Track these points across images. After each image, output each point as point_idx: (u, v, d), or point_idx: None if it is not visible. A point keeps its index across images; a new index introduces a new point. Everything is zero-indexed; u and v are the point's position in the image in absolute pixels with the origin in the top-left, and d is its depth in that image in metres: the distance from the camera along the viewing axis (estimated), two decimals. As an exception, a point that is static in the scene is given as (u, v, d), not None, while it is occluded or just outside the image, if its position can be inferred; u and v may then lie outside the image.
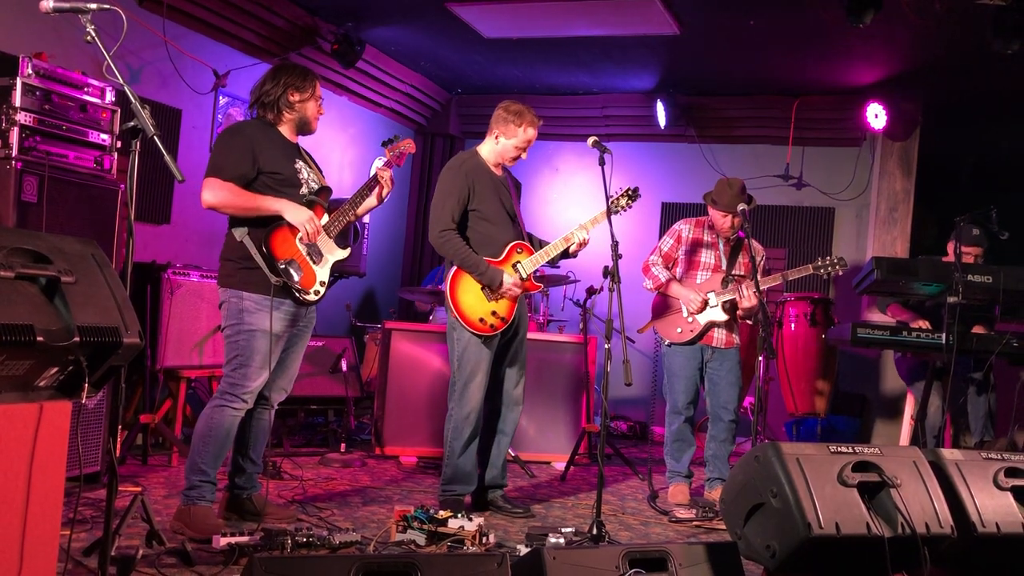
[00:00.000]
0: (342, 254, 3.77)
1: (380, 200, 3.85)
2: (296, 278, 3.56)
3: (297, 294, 3.57)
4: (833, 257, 4.71)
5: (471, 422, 4.15)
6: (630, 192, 4.26)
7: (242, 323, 3.54)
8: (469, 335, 4.11)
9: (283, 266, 3.53)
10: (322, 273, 3.68)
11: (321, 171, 3.89)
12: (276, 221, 3.56)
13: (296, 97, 3.68)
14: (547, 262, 4.28)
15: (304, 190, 3.69)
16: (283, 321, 3.61)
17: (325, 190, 3.78)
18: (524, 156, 4.29)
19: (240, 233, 3.56)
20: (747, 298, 4.69)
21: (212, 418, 3.54)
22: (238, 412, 3.58)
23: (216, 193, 3.48)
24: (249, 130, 3.65)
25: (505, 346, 4.27)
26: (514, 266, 4.18)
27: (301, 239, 3.60)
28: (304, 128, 3.78)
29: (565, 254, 4.30)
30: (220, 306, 3.64)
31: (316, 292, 3.65)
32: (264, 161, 3.58)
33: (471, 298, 4.12)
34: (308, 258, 3.63)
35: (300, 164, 3.73)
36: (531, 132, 4.22)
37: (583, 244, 4.25)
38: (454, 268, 4.15)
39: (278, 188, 3.60)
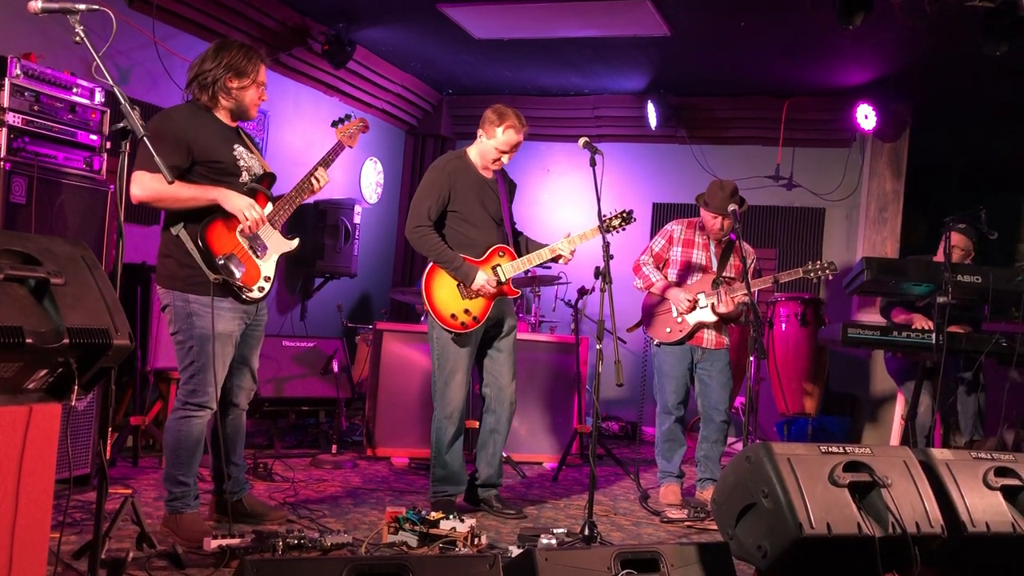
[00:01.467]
0: (290, 246, 3.56)
1: (313, 193, 3.66)
2: (237, 274, 3.35)
3: (239, 291, 3.36)
4: (823, 261, 4.73)
5: (454, 421, 4.19)
6: (625, 215, 4.23)
7: (193, 328, 3.35)
8: (447, 336, 4.14)
9: (222, 261, 3.31)
10: (266, 268, 3.45)
11: (263, 155, 3.68)
12: (212, 213, 3.32)
13: (235, 83, 3.42)
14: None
15: (245, 177, 3.46)
16: (234, 320, 3.43)
17: (268, 176, 3.53)
18: (506, 160, 4.22)
19: (176, 228, 3.34)
20: (724, 303, 4.68)
21: (179, 430, 3.42)
22: (202, 419, 3.45)
23: (144, 185, 3.22)
24: (181, 117, 3.38)
25: (491, 345, 4.29)
26: (494, 268, 4.17)
27: (241, 231, 3.37)
28: (241, 115, 3.52)
29: (554, 261, 4.30)
30: (163, 309, 3.44)
31: (260, 288, 3.44)
32: (199, 149, 3.33)
33: (444, 294, 4.13)
34: (250, 252, 3.41)
35: (240, 150, 3.49)
36: (511, 135, 4.12)
37: (565, 260, 4.22)
38: (430, 264, 4.17)
39: (216, 178, 3.37)
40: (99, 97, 4.31)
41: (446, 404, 4.18)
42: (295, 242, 3.59)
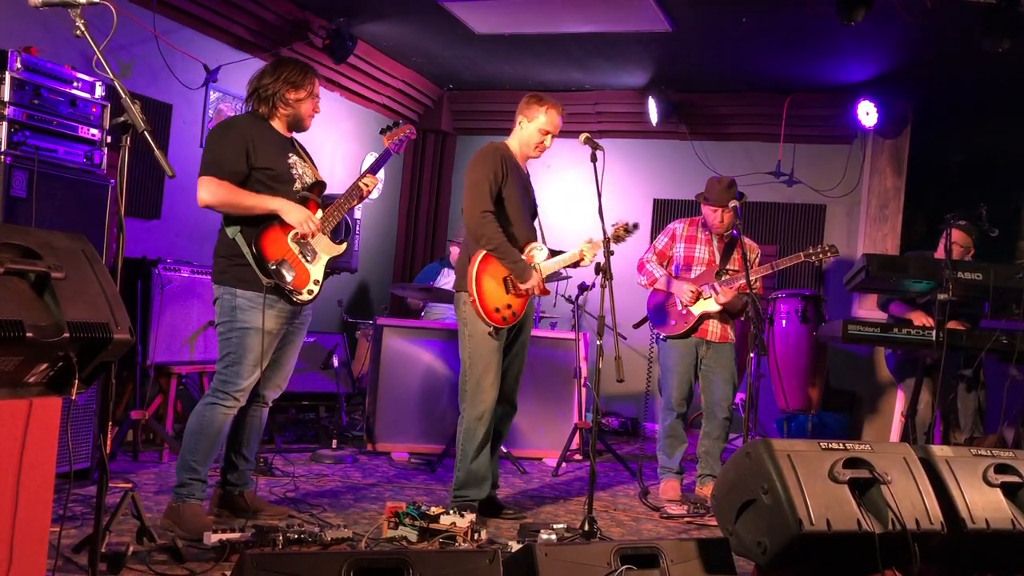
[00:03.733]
0: (338, 250, 3.72)
1: (361, 200, 3.87)
2: (288, 278, 3.52)
3: (289, 295, 3.53)
4: (824, 244, 4.73)
5: (485, 422, 4.02)
6: (629, 227, 4.21)
7: (235, 320, 3.51)
8: (482, 328, 3.99)
9: (274, 267, 3.49)
10: (316, 271, 3.63)
11: (315, 165, 3.85)
12: (268, 220, 3.51)
13: (292, 95, 3.64)
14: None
15: (298, 185, 3.65)
16: (277, 319, 3.57)
17: (319, 185, 3.73)
18: (548, 142, 4.18)
19: (232, 231, 3.52)
20: (722, 292, 4.70)
21: (204, 416, 3.51)
22: (230, 410, 3.55)
23: (212, 191, 3.44)
24: (242, 125, 3.60)
25: (508, 346, 4.19)
26: (533, 267, 4.09)
27: (295, 237, 3.55)
28: (297, 126, 3.74)
29: (575, 266, 4.25)
30: (214, 302, 3.61)
31: (310, 292, 3.61)
32: (257, 157, 3.53)
33: (492, 286, 4.02)
34: (301, 257, 3.58)
35: (294, 159, 3.69)
36: (554, 115, 4.12)
37: (584, 264, 4.19)
38: (482, 253, 4.01)
39: (271, 184, 3.56)
40: (100, 91, 4.30)
41: (477, 404, 4.01)
42: (343, 246, 3.74)
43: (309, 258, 3.61)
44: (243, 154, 3.50)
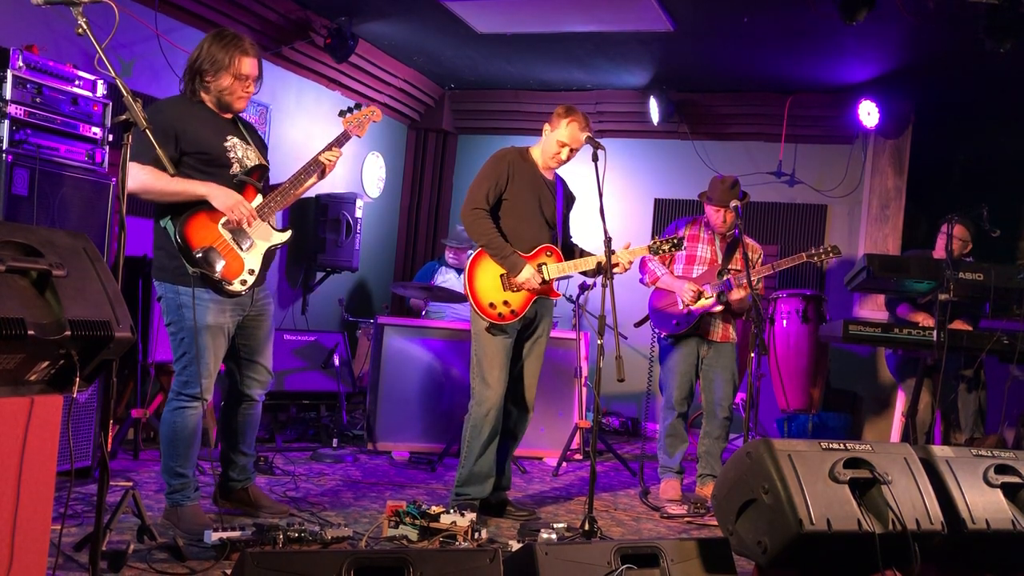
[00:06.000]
0: (280, 238, 3.52)
1: (322, 177, 3.66)
2: (217, 267, 3.32)
3: (218, 284, 3.34)
4: (826, 245, 4.73)
5: (491, 420, 4.01)
6: (675, 241, 4.20)
7: (183, 319, 3.37)
8: (482, 325, 4.02)
9: (200, 254, 3.29)
10: (251, 260, 3.42)
11: (265, 146, 3.67)
12: (196, 206, 3.33)
13: (210, 76, 3.40)
14: (583, 274, 4.17)
15: (236, 169, 3.46)
16: (223, 312, 3.43)
17: (259, 168, 3.52)
18: (565, 155, 4.12)
19: (165, 221, 3.36)
20: (735, 290, 4.71)
21: (174, 423, 3.44)
22: (197, 410, 3.45)
23: (134, 179, 3.20)
24: (169, 108, 3.40)
25: (522, 346, 4.18)
26: (539, 267, 4.08)
27: (225, 224, 3.37)
28: (224, 108, 3.48)
29: (597, 271, 4.08)
30: (158, 300, 3.46)
31: (243, 282, 3.40)
32: (187, 141, 3.34)
33: (486, 282, 4.05)
34: (233, 244, 3.38)
35: (233, 140, 3.48)
36: (575, 129, 4.04)
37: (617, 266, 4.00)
38: (477, 250, 4.08)
39: (204, 169, 3.37)
40: (101, 90, 4.30)
41: (482, 402, 4.01)
42: (286, 234, 3.55)
43: (244, 246, 3.41)
44: (170, 138, 3.29)
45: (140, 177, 3.25)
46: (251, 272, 3.44)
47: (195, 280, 3.31)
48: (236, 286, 3.40)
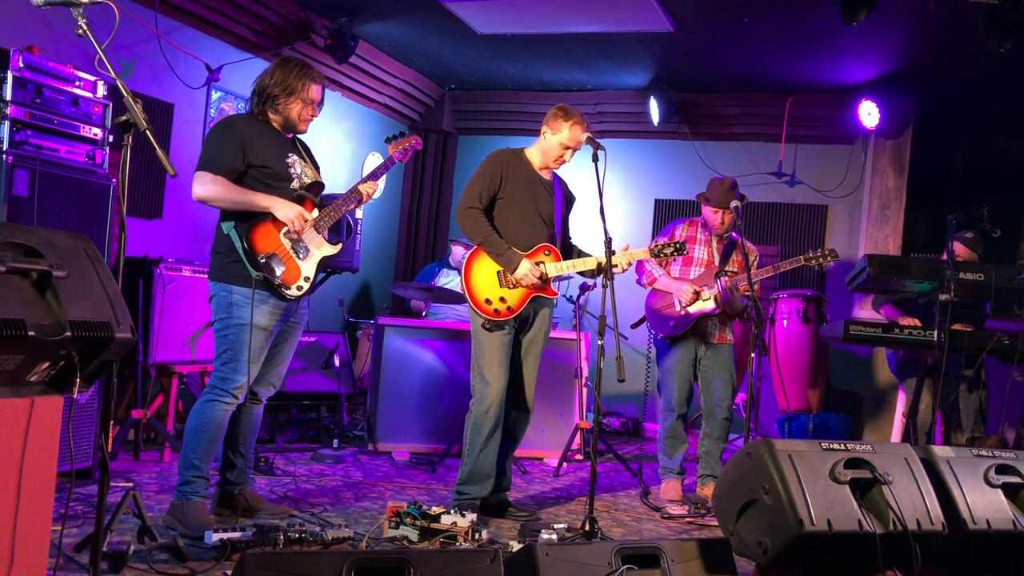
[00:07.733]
0: (331, 250, 3.74)
1: (359, 205, 3.91)
2: (278, 272, 3.53)
3: (278, 289, 3.54)
4: (825, 249, 4.73)
5: (491, 417, 4.01)
6: (678, 246, 4.20)
7: (231, 317, 3.53)
8: (479, 322, 4.03)
9: (263, 260, 3.50)
10: (307, 268, 3.64)
11: (317, 166, 3.87)
12: (262, 216, 3.54)
13: (282, 100, 3.65)
14: (581, 274, 4.17)
15: (295, 184, 3.67)
16: (271, 315, 3.59)
17: (316, 185, 3.75)
18: (568, 157, 4.15)
19: (227, 227, 3.55)
20: (722, 289, 4.70)
21: (204, 413, 3.53)
22: (229, 406, 3.57)
23: (206, 187, 3.48)
24: (240, 124, 3.63)
25: (519, 345, 4.17)
26: (536, 264, 4.08)
27: (287, 233, 3.58)
28: (290, 128, 3.75)
29: (597, 272, 4.05)
30: (210, 300, 3.63)
31: (299, 287, 3.61)
32: (254, 155, 3.57)
33: (482, 278, 4.06)
34: (292, 253, 3.60)
35: (293, 158, 3.71)
36: (577, 131, 4.08)
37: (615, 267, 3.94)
38: (473, 248, 4.10)
39: (267, 182, 3.59)
40: (101, 90, 4.31)
41: (482, 398, 4.02)
42: (337, 247, 3.76)
43: (301, 255, 3.63)
44: (239, 151, 3.53)
45: (211, 186, 3.48)
46: (307, 279, 3.65)
47: (256, 283, 3.50)
48: (293, 291, 3.60)
